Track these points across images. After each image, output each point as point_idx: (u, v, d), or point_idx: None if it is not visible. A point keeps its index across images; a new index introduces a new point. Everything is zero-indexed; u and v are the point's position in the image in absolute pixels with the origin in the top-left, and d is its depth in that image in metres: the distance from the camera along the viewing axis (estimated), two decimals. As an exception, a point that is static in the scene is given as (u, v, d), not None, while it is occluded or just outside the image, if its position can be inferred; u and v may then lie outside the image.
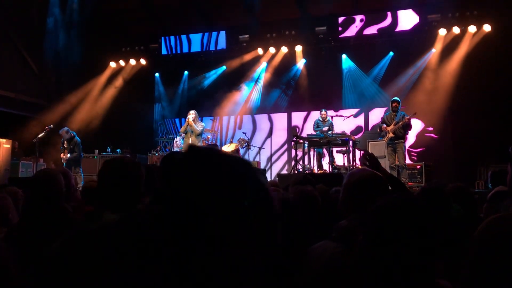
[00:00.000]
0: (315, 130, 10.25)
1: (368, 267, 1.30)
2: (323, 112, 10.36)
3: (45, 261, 1.68)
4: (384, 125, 8.98)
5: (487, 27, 10.90)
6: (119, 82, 14.03)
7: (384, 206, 1.34)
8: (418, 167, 9.74)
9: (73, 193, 3.17)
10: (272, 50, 12.90)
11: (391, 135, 8.78)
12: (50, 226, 2.32)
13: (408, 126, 8.86)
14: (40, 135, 10.23)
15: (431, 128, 11.63)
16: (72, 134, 10.10)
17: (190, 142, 9.45)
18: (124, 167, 1.85)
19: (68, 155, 9.91)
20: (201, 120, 9.98)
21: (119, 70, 14.16)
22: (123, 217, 1.70)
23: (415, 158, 11.37)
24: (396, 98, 9.14)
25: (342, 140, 9.60)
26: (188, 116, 9.54)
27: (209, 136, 11.29)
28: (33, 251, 1.81)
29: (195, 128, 9.44)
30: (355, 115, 11.83)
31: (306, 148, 9.98)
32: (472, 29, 11.13)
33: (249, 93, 13.62)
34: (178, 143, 11.31)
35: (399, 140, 8.79)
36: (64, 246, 1.66)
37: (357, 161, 10.70)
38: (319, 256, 1.82)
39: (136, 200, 1.82)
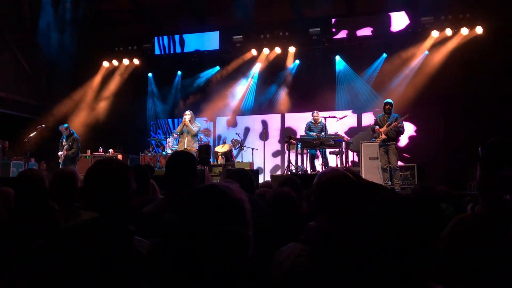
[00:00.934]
0: (306, 132, 10.25)
1: (362, 267, 1.28)
2: (315, 113, 10.35)
3: (26, 261, 1.67)
4: (377, 127, 9.00)
5: (479, 29, 10.98)
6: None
7: (380, 206, 1.32)
8: (411, 169, 9.76)
9: (75, 193, 3.14)
10: (265, 51, 12.90)
11: (383, 136, 8.81)
12: (34, 225, 2.31)
13: (400, 132, 8.88)
14: (31, 135, 10.16)
15: (423, 130, 11.68)
16: (71, 131, 10.09)
17: (185, 142, 9.43)
18: (110, 169, 1.82)
19: (65, 152, 9.85)
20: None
21: (112, 70, 14.09)
22: (98, 217, 1.68)
23: (408, 160, 11.40)
24: (389, 100, 9.17)
25: (335, 141, 9.62)
26: (184, 117, 9.51)
27: (202, 137, 11.26)
28: (17, 250, 1.79)
29: (191, 129, 9.42)
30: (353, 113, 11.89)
31: (299, 149, 9.99)
32: (464, 31, 11.20)
33: (242, 93, 13.61)
34: (171, 144, 11.28)
35: (392, 142, 8.81)
36: (42, 246, 1.65)
37: (350, 163, 10.73)
38: (284, 259, 1.73)
39: (120, 203, 1.78)
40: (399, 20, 11.76)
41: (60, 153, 9.98)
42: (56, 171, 2.93)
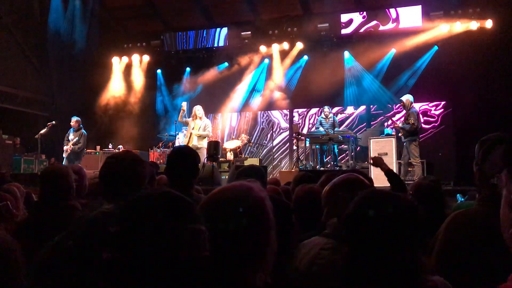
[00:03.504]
0: (316, 128, 10.26)
1: (354, 262, 1.32)
2: (326, 109, 10.35)
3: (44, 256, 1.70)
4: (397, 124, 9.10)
5: (489, 24, 10.85)
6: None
7: (361, 200, 1.37)
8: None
9: (83, 190, 3.17)
10: (274, 47, 12.88)
11: (400, 134, 8.87)
12: (57, 223, 2.33)
13: (405, 129, 8.83)
14: (42, 131, 10.25)
15: (434, 125, 11.62)
16: (80, 126, 10.17)
17: (195, 138, 9.44)
18: (125, 162, 1.85)
19: (72, 146, 9.88)
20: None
21: (122, 66, 14.17)
22: (118, 205, 1.71)
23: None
24: (403, 97, 9.08)
25: (343, 137, 9.60)
26: (195, 110, 9.52)
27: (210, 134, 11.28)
28: (39, 248, 1.82)
29: (202, 133, 9.40)
30: (357, 112, 11.87)
31: (307, 145, 9.99)
32: (474, 25, 11.07)
33: (251, 89, 13.61)
34: (181, 140, 11.32)
35: (406, 138, 8.82)
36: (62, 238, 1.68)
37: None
38: (308, 251, 1.85)
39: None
40: (408, 15, 11.68)
41: (65, 147, 10.01)
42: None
